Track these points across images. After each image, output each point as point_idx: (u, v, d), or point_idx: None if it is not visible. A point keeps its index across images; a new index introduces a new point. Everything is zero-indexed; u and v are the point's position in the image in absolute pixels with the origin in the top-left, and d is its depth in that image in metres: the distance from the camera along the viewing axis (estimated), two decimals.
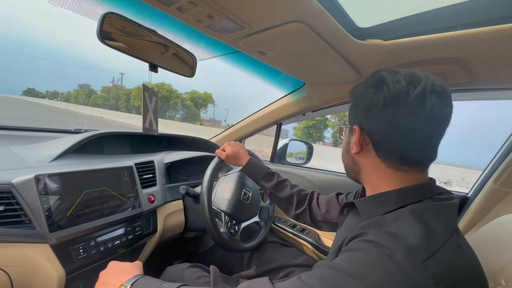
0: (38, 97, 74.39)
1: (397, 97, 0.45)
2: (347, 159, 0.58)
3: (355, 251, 0.41)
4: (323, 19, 0.64)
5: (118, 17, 0.68)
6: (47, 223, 0.64)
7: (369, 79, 0.51)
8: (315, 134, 31.29)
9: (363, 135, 0.50)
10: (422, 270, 0.35)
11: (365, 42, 0.75)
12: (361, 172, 0.55)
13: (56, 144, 0.91)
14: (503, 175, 0.86)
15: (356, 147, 0.51)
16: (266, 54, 0.83)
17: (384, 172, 0.50)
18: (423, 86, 0.44)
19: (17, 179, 0.63)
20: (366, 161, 0.53)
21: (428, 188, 0.48)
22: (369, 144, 0.50)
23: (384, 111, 0.46)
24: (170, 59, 0.83)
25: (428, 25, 0.69)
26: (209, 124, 54.95)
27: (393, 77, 0.47)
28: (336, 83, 1.08)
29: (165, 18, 0.75)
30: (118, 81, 58.99)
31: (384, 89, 0.46)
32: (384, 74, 0.48)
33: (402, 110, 0.45)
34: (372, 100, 0.48)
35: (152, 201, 0.93)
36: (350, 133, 0.56)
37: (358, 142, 0.51)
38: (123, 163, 0.90)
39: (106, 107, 50.63)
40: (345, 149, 0.58)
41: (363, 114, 0.50)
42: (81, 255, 0.71)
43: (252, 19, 0.64)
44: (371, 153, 0.51)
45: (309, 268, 0.95)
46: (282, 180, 0.88)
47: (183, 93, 45.87)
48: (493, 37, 0.63)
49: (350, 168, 0.58)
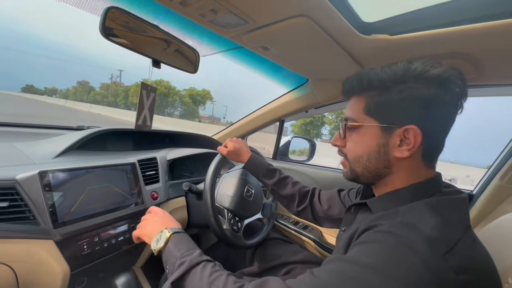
0: (37, 94, 74.42)
1: (457, 95, 0.44)
2: (376, 163, 0.49)
3: (371, 242, 0.39)
4: (329, 13, 0.63)
5: (121, 12, 0.67)
6: (51, 219, 0.64)
7: (418, 73, 0.44)
8: (312, 131, 30.95)
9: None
10: (444, 262, 0.34)
11: (370, 37, 0.74)
12: (389, 176, 0.49)
13: (59, 140, 0.91)
14: (509, 173, 0.85)
15: (409, 151, 0.45)
16: (270, 50, 0.82)
17: (415, 171, 0.47)
18: (465, 81, 0.44)
19: (21, 176, 0.63)
20: (406, 165, 0.47)
21: (437, 182, 0.47)
22: (423, 144, 0.45)
23: (441, 108, 0.44)
24: (173, 55, 0.82)
25: (435, 20, 0.67)
26: (208, 121, 54.55)
27: (453, 75, 0.43)
28: (340, 79, 1.06)
29: (168, 12, 0.74)
30: (117, 78, 58.96)
31: (454, 91, 0.43)
32: (444, 71, 0.43)
33: (455, 108, 0.45)
34: (436, 98, 0.43)
35: (155, 197, 0.93)
36: (384, 132, 0.47)
37: (416, 144, 0.44)
38: (126, 159, 0.89)
39: (105, 104, 50.25)
40: (376, 151, 0.48)
41: (419, 111, 0.44)
42: (85, 251, 0.71)
43: (256, 14, 0.63)
44: (417, 155, 0.46)
45: (311, 264, 0.96)
46: (284, 177, 0.88)
47: (181, 90, 45.73)
48: (501, 32, 0.61)
49: (374, 173, 0.50)
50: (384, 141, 0.47)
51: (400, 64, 0.47)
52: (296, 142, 1.66)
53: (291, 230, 1.29)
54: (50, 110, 27.23)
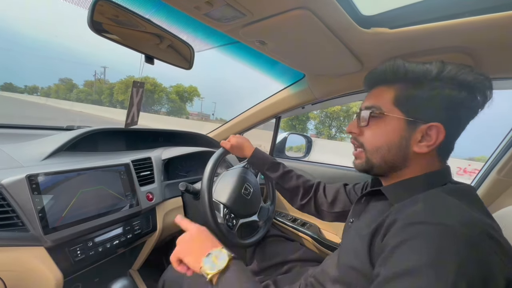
0: (17, 92, 72.16)
1: (482, 104, 0.48)
2: (395, 155, 0.50)
3: (413, 239, 0.37)
4: (329, 6, 0.61)
5: (110, 5, 0.63)
6: (41, 225, 0.61)
7: (463, 77, 0.45)
8: (298, 126, 31.13)
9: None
10: (483, 242, 0.35)
11: (369, 30, 0.73)
12: (403, 169, 0.50)
13: (47, 142, 0.87)
14: (507, 166, 0.86)
15: (428, 147, 0.47)
16: (267, 44, 0.80)
17: (428, 165, 0.49)
18: (490, 92, 0.47)
19: (7, 180, 0.60)
20: (421, 160, 0.49)
21: (448, 173, 0.50)
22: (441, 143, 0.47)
23: (465, 112, 0.47)
24: (166, 50, 0.79)
25: (435, 12, 0.66)
26: (197, 118, 53.95)
27: (484, 87, 0.46)
28: (337, 74, 1.05)
29: (161, 5, 0.71)
30: (101, 75, 57.22)
31: (477, 99, 0.47)
32: (477, 79, 0.45)
33: (474, 114, 0.48)
34: (464, 102, 0.46)
35: (150, 199, 0.90)
36: (409, 125, 0.48)
37: (437, 142, 0.46)
38: (120, 160, 0.86)
39: (89, 102, 48.78)
40: (396, 143, 0.49)
41: (445, 111, 0.46)
42: (78, 256, 0.69)
43: (254, 6, 0.60)
44: (433, 152, 0.48)
45: (311, 262, 0.95)
46: (288, 171, 0.87)
47: (168, 86, 45.02)
48: (500, 24, 0.61)
49: (391, 164, 0.51)
50: (407, 134, 0.48)
51: (435, 63, 0.48)
52: (292, 138, 1.65)
53: (289, 228, 1.29)
54: (29, 108, 26.31)
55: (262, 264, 0.95)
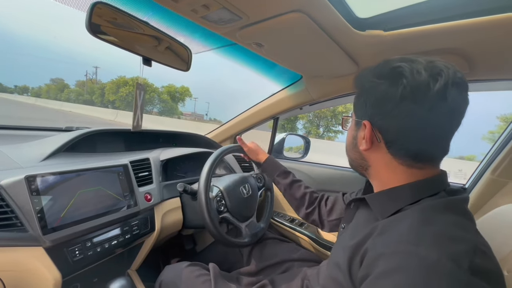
0: (6, 92, 71.42)
1: (417, 91, 0.41)
2: (353, 154, 0.54)
3: (392, 272, 0.35)
4: (324, 9, 0.62)
5: (108, 8, 0.64)
6: (40, 225, 0.61)
7: (382, 69, 0.46)
8: (286, 125, 31.07)
9: (374, 131, 0.47)
10: (470, 274, 0.33)
11: (364, 33, 0.74)
12: (370, 168, 0.52)
13: (46, 142, 0.88)
14: (501, 166, 0.87)
15: (366, 144, 0.48)
16: (263, 46, 0.81)
17: (397, 169, 0.47)
18: (445, 79, 0.40)
19: (6, 181, 0.60)
20: (376, 158, 0.49)
21: (441, 181, 0.46)
22: (381, 141, 0.47)
23: (400, 106, 0.42)
24: (164, 52, 0.80)
25: (430, 15, 0.67)
26: (190, 118, 53.61)
27: (412, 68, 0.41)
28: (334, 75, 1.06)
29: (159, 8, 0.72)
30: (93, 75, 56.85)
31: (402, 82, 0.41)
32: (401, 65, 0.43)
33: (421, 105, 0.41)
34: (387, 93, 0.43)
35: (148, 199, 0.91)
36: (357, 126, 0.52)
37: (368, 139, 0.47)
38: (118, 161, 0.87)
39: (80, 102, 48.07)
40: (351, 143, 0.54)
41: (375, 108, 0.46)
42: (77, 257, 0.69)
43: (250, 9, 0.61)
44: (382, 150, 0.47)
45: (309, 262, 0.96)
46: (297, 180, 0.92)
47: (159, 87, 44.92)
48: (493, 26, 0.62)
49: (356, 163, 0.54)
50: (355, 133, 0.52)
51: (380, 62, 0.48)
52: (290, 139, 1.66)
53: (287, 228, 1.29)
54: (15, 108, 26.00)
55: (259, 265, 0.95)
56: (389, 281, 0.34)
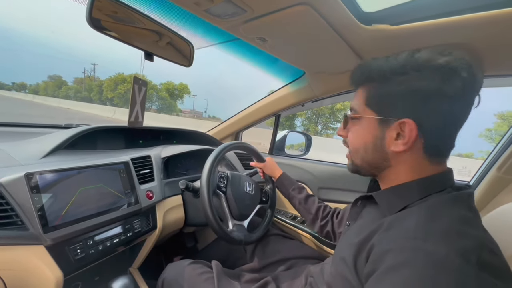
0: (4, 89, 71.19)
1: (469, 88, 0.41)
2: (373, 156, 0.49)
3: (399, 268, 0.34)
4: (330, 2, 0.60)
5: (108, 1, 0.63)
6: (41, 223, 0.60)
7: (420, 63, 0.42)
8: (285, 123, 31.10)
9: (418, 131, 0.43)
10: (478, 269, 0.33)
11: (371, 27, 0.72)
12: (389, 169, 0.48)
13: (46, 140, 0.86)
14: (507, 163, 0.86)
15: (406, 145, 0.43)
16: (267, 41, 0.79)
17: (418, 167, 0.45)
18: (474, 74, 0.40)
19: (5, 178, 0.59)
20: (406, 159, 0.45)
21: (448, 178, 0.45)
22: (421, 140, 0.43)
23: (443, 102, 0.41)
24: (166, 47, 0.78)
25: (437, 9, 0.66)
26: (189, 115, 53.37)
27: (461, 64, 0.40)
28: (337, 71, 1.05)
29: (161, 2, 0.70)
30: (91, 72, 56.48)
31: (457, 79, 0.40)
32: (449, 60, 0.40)
33: (461, 102, 0.41)
34: (432, 90, 0.41)
35: (150, 197, 0.90)
36: (381, 125, 0.46)
37: (410, 139, 0.43)
38: (119, 158, 0.86)
39: (78, 99, 47.70)
40: (373, 143, 0.48)
41: (417, 105, 0.42)
42: (78, 255, 0.68)
43: (255, 2, 0.59)
44: (418, 150, 0.44)
45: (312, 260, 0.95)
46: (311, 195, 0.95)
47: (157, 84, 44.79)
48: (502, 21, 0.60)
49: (372, 165, 0.50)
50: (380, 134, 0.46)
51: (404, 53, 0.45)
52: (292, 136, 1.65)
53: (289, 225, 1.28)
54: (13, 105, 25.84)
55: (262, 262, 0.95)
56: (398, 275, 0.34)
